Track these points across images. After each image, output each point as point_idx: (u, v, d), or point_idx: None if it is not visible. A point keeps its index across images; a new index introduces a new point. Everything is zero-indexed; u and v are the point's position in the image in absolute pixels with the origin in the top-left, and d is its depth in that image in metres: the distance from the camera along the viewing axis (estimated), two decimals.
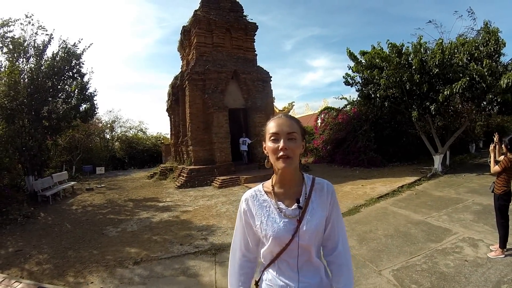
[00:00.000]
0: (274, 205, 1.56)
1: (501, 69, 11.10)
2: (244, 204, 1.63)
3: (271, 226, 1.51)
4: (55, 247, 6.49)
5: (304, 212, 1.52)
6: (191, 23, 17.11)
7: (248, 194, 1.64)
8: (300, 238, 1.49)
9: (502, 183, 4.71)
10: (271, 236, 1.50)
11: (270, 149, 1.49)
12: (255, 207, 1.59)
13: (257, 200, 1.60)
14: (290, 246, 1.50)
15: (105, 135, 30.70)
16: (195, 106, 15.90)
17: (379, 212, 7.72)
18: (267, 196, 1.60)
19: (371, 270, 4.56)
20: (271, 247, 1.53)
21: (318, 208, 1.55)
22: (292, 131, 1.49)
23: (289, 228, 1.49)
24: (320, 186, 1.61)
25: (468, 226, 6.09)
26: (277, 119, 1.54)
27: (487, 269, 4.28)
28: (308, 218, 1.51)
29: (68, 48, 12.87)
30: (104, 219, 8.86)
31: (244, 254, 1.68)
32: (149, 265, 5.27)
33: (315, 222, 1.51)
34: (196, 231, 7.05)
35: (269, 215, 1.54)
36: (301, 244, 1.50)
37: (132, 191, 13.91)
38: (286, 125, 1.50)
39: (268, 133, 1.52)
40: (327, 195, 1.59)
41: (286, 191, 1.58)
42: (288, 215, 1.52)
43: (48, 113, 12.46)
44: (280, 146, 1.45)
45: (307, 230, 1.49)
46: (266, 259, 1.60)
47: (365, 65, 13.43)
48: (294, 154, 1.47)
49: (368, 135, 16.26)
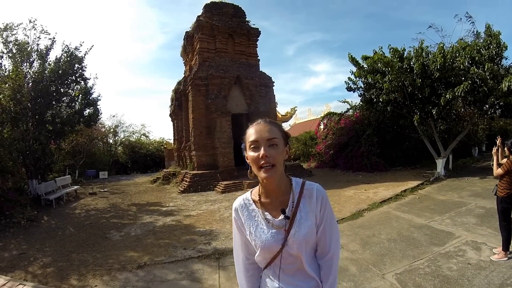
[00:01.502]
0: (261, 215, 1.53)
1: (503, 72, 11.11)
2: (234, 214, 1.62)
3: (259, 237, 1.50)
4: (58, 250, 6.52)
5: (292, 221, 1.47)
6: (194, 28, 17.23)
7: (237, 204, 1.62)
8: (289, 248, 1.46)
9: (505, 185, 4.71)
10: (260, 246, 1.49)
11: (250, 158, 1.43)
12: (244, 217, 1.57)
13: (246, 209, 1.58)
14: (281, 254, 1.48)
15: (108, 139, 30.75)
16: (198, 111, 15.97)
17: (382, 217, 7.72)
18: (255, 206, 1.57)
19: (374, 274, 4.56)
20: (262, 255, 1.52)
21: (307, 216, 1.50)
22: (272, 137, 1.42)
23: (277, 238, 1.47)
24: (309, 193, 1.54)
25: (471, 230, 6.09)
26: (255, 125, 1.47)
27: (490, 272, 4.28)
28: (296, 229, 1.47)
29: (71, 52, 12.97)
30: (107, 223, 8.88)
31: (246, 257, 1.66)
32: (153, 269, 5.29)
33: (303, 232, 1.47)
34: (200, 236, 7.07)
35: (257, 225, 1.53)
36: (291, 253, 1.47)
37: (135, 196, 13.94)
38: (265, 131, 1.43)
39: (248, 142, 1.45)
40: (316, 202, 1.52)
41: (273, 201, 1.53)
42: (275, 226, 1.49)
43: (52, 117, 12.56)
44: (261, 154, 1.38)
45: (295, 241, 1.46)
46: (261, 264, 1.59)
47: (367, 70, 13.46)
48: (277, 162, 1.40)
49: (370, 139, 16.24)
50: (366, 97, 14.03)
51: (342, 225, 7.26)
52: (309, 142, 23.92)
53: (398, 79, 11.83)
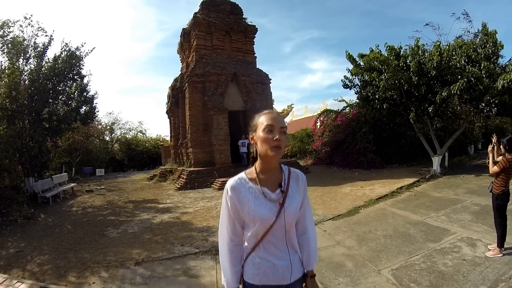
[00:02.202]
0: (259, 190, 1.71)
1: (499, 71, 11.16)
2: (231, 192, 1.73)
3: (258, 211, 1.66)
4: (56, 248, 6.50)
5: (286, 196, 1.72)
6: (191, 25, 17.20)
7: (233, 182, 1.76)
8: (286, 219, 1.69)
9: (500, 183, 4.77)
10: (258, 219, 1.66)
11: (263, 138, 1.64)
12: (242, 193, 1.71)
13: (243, 187, 1.73)
14: (273, 227, 1.67)
15: (104, 137, 30.65)
16: (194, 108, 15.95)
17: (378, 213, 7.76)
18: (251, 183, 1.74)
19: (371, 270, 4.60)
20: (257, 230, 1.69)
21: (296, 192, 1.78)
22: (284, 126, 1.69)
23: (273, 210, 1.67)
24: (295, 175, 1.84)
25: (466, 226, 6.14)
26: (270, 113, 1.72)
27: (485, 268, 4.32)
28: (289, 201, 1.72)
29: (72, 51, 12.91)
30: (104, 221, 8.87)
31: (231, 239, 1.79)
32: (151, 266, 5.29)
33: (295, 205, 1.74)
34: (197, 232, 7.08)
35: (255, 199, 1.69)
36: (286, 224, 1.70)
37: (132, 193, 13.92)
38: (279, 120, 1.69)
39: (263, 125, 1.67)
40: (302, 182, 1.84)
41: (269, 177, 1.76)
42: (272, 199, 1.70)
43: (49, 115, 12.50)
44: (276, 137, 1.62)
45: (289, 212, 1.70)
46: (251, 242, 1.74)
47: (364, 68, 13.49)
48: (283, 146, 1.65)
49: (367, 137, 16.33)
50: (363, 95, 14.07)
51: (339, 222, 7.30)
52: (306, 139, 23.98)
53: (395, 77, 11.86)
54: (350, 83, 14.61)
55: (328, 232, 6.58)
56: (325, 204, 9.03)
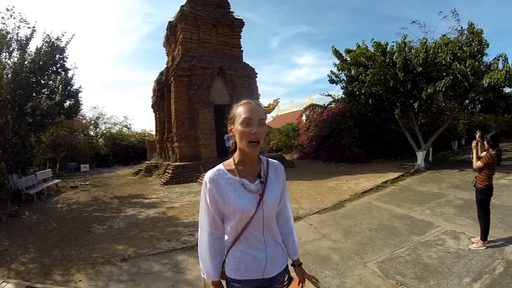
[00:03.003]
0: (238, 182, 1.68)
1: (484, 69, 11.34)
2: (209, 184, 1.68)
3: (238, 202, 1.63)
4: (41, 246, 6.38)
5: (265, 186, 1.71)
6: (178, 18, 16.99)
7: (212, 174, 1.71)
8: (264, 210, 1.67)
9: (484, 177, 4.84)
10: (238, 210, 1.63)
11: (240, 132, 1.60)
12: (220, 185, 1.67)
13: (221, 178, 1.69)
14: (254, 218, 1.66)
15: (89, 131, 30.19)
16: (180, 102, 15.81)
17: (364, 207, 7.82)
18: (230, 175, 1.70)
19: (357, 262, 4.62)
20: (237, 222, 1.66)
21: (275, 183, 1.77)
22: (262, 118, 1.63)
23: (253, 202, 1.65)
24: (274, 165, 1.83)
25: (450, 220, 6.23)
26: (248, 104, 1.66)
27: (469, 260, 4.39)
28: (268, 192, 1.70)
29: (52, 42, 12.58)
30: (90, 217, 8.72)
31: (211, 232, 1.75)
32: (137, 262, 5.22)
33: (274, 195, 1.73)
34: (183, 227, 7.02)
35: (234, 191, 1.66)
36: (265, 216, 1.68)
37: (118, 188, 13.75)
38: (258, 112, 1.63)
39: (240, 117, 1.61)
40: (280, 172, 1.84)
41: (248, 169, 1.73)
42: (251, 190, 1.68)
43: (32, 109, 12.10)
44: (253, 131, 1.57)
45: (269, 202, 1.69)
46: (231, 235, 1.72)
47: (350, 63, 13.55)
48: (262, 139, 1.62)
49: (352, 131, 16.46)
50: (349, 90, 14.13)
51: (325, 215, 7.33)
52: (291, 133, 24.02)
53: (381, 73, 11.95)
54: (337, 78, 14.65)
55: (314, 226, 6.59)
56: (311, 198, 9.06)
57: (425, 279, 3.96)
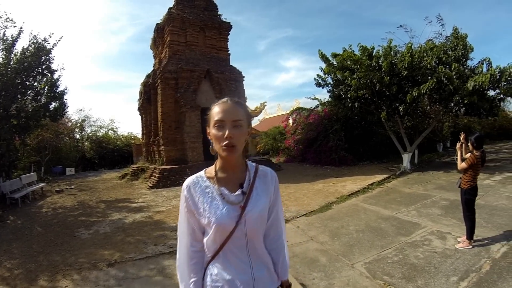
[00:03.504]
0: (216, 191, 1.50)
1: (468, 73, 11.53)
2: (186, 192, 1.53)
3: (214, 213, 1.45)
4: (26, 251, 6.22)
5: (248, 198, 1.49)
6: (165, 20, 16.89)
7: (190, 181, 1.56)
8: (247, 225, 1.46)
9: (468, 178, 4.92)
10: (214, 223, 1.44)
11: (214, 135, 1.44)
12: (197, 193, 1.51)
13: (199, 186, 1.53)
14: (234, 234, 1.45)
15: (74, 134, 29.74)
16: (167, 105, 15.69)
17: (350, 209, 7.84)
18: (209, 182, 1.54)
19: (344, 264, 4.61)
20: (214, 235, 1.47)
21: (262, 194, 1.54)
22: (237, 119, 1.43)
23: (232, 215, 1.45)
24: (263, 173, 1.61)
25: (436, 220, 6.29)
26: (222, 104, 1.47)
27: (455, 259, 4.42)
28: (252, 204, 1.48)
29: (39, 43, 12.33)
30: (75, 221, 8.54)
31: (191, 243, 1.57)
32: (124, 267, 5.13)
33: (259, 208, 1.49)
34: (170, 231, 6.92)
35: (211, 201, 1.48)
36: (248, 232, 1.47)
37: (104, 192, 13.54)
38: (232, 112, 1.44)
39: (213, 120, 1.45)
40: (271, 181, 1.60)
41: (230, 176, 1.54)
42: (231, 201, 1.47)
43: (17, 111, 11.78)
44: (226, 134, 1.39)
45: (252, 216, 1.47)
46: (210, 250, 1.52)
47: (337, 67, 13.65)
48: (239, 142, 1.43)
49: (339, 134, 16.57)
50: (335, 93, 14.24)
51: (312, 218, 7.32)
52: (278, 137, 24.09)
53: (367, 77, 12.05)
54: (323, 82, 14.76)
55: (301, 228, 6.58)
56: (298, 200, 9.06)
57: (413, 279, 3.97)
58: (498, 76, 10.72)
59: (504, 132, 26.78)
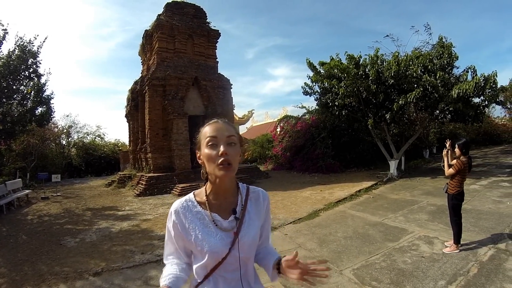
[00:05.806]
0: (208, 217, 1.44)
1: (453, 81, 11.71)
2: (175, 217, 1.46)
3: (207, 241, 1.39)
4: (11, 260, 6.07)
5: (241, 223, 1.45)
6: (154, 27, 16.86)
7: (178, 205, 1.48)
8: (240, 251, 1.42)
9: (455, 183, 4.99)
10: (207, 251, 1.39)
11: (207, 156, 1.37)
12: (187, 220, 1.45)
13: (189, 212, 1.46)
14: (227, 260, 1.40)
15: (61, 141, 29.25)
16: (154, 112, 15.61)
17: (338, 216, 7.85)
18: (200, 208, 1.47)
19: (332, 270, 4.59)
20: (206, 262, 1.41)
21: (254, 217, 1.51)
22: (231, 134, 1.40)
23: (226, 241, 1.40)
24: (255, 195, 1.57)
25: (423, 225, 6.34)
26: (213, 123, 1.43)
27: (443, 264, 4.45)
28: (245, 230, 1.45)
29: (25, 45, 12.12)
30: (61, 229, 8.37)
31: (178, 263, 1.52)
32: (110, 276, 5.03)
33: (252, 233, 1.46)
34: (157, 240, 6.83)
35: (203, 228, 1.42)
36: (242, 258, 1.43)
37: (90, 200, 13.30)
38: (225, 129, 1.40)
39: (205, 138, 1.40)
40: (263, 203, 1.57)
41: (222, 202, 1.49)
42: (224, 228, 1.43)
43: (2, 116, 11.51)
44: (221, 151, 1.33)
45: (246, 242, 1.43)
46: (200, 275, 1.47)
47: (324, 75, 13.73)
48: (234, 161, 1.38)
49: (326, 142, 16.66)
50: (322, 101, 14.30)
51: (299, 225, 7.31)
52: (266, 144, 24.14)
53: (354, 85, 12.15)
54: (310, 90, 14.83)
55: (289, 236, 6.55)
56: (285, 208, 9.04)
57: (401, 284, 3.98)
58: (482, 84, 10.88)
59: (489, 137, 27.20)
